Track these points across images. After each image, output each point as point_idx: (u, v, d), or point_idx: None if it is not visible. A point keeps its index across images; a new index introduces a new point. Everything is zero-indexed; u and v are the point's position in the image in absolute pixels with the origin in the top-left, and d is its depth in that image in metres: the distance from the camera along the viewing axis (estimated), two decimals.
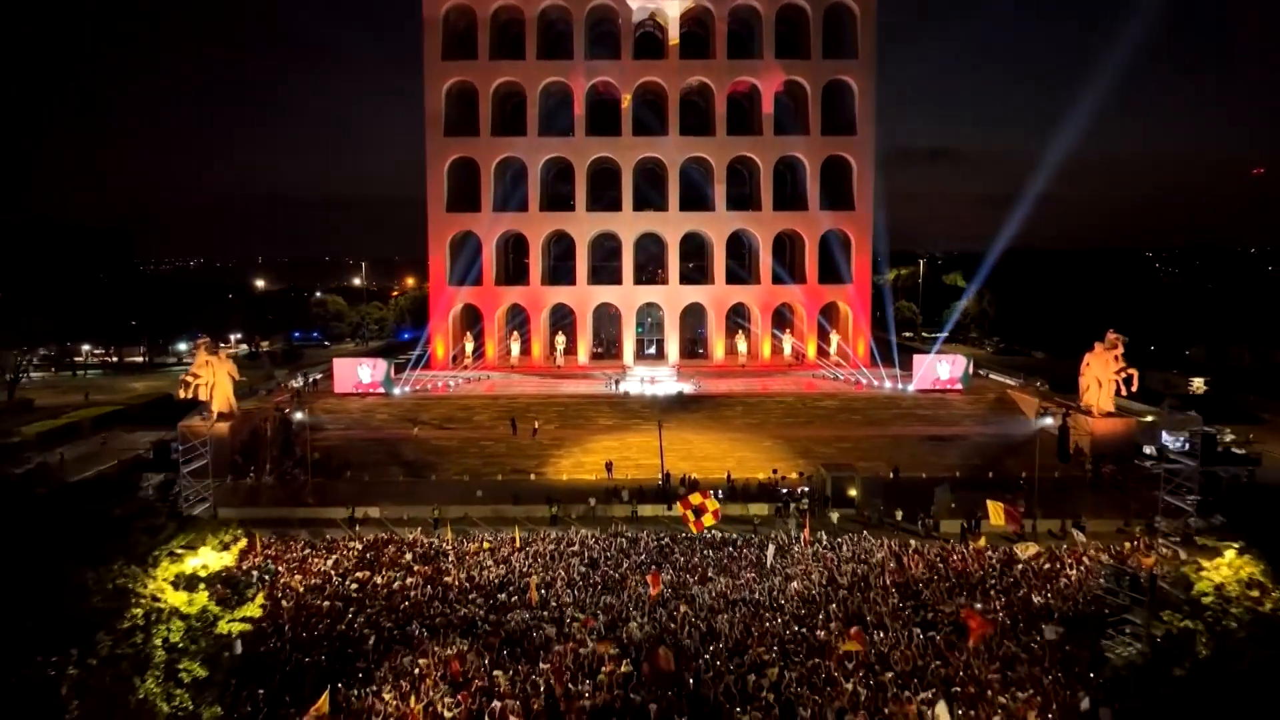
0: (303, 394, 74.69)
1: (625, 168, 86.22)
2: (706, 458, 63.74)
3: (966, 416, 71.39)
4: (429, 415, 71.35)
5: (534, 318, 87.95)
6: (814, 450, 64.63)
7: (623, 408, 72.21)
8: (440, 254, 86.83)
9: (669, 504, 53.18)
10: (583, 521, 51.99)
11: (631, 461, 63.16)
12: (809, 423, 70.26)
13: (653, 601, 36.92)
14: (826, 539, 45.88)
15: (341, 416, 71.40)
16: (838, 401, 73.55)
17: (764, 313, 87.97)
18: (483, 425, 70.01)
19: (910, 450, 64.62)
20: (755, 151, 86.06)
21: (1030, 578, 40.39)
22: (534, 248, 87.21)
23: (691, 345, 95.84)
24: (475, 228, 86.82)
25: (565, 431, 68.25)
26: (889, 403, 73.44)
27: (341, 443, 65.92)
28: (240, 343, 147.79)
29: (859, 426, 69.64)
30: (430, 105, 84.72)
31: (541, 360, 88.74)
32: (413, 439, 66.51)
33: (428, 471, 61.88)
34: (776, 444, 65.43)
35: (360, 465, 62.01)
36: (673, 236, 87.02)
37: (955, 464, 62.31)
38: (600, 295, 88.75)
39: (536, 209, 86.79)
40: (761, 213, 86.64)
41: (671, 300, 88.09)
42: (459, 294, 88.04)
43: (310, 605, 37.31)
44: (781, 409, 72.18)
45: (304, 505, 53.71)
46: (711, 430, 68.00)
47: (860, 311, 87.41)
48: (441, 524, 50.05)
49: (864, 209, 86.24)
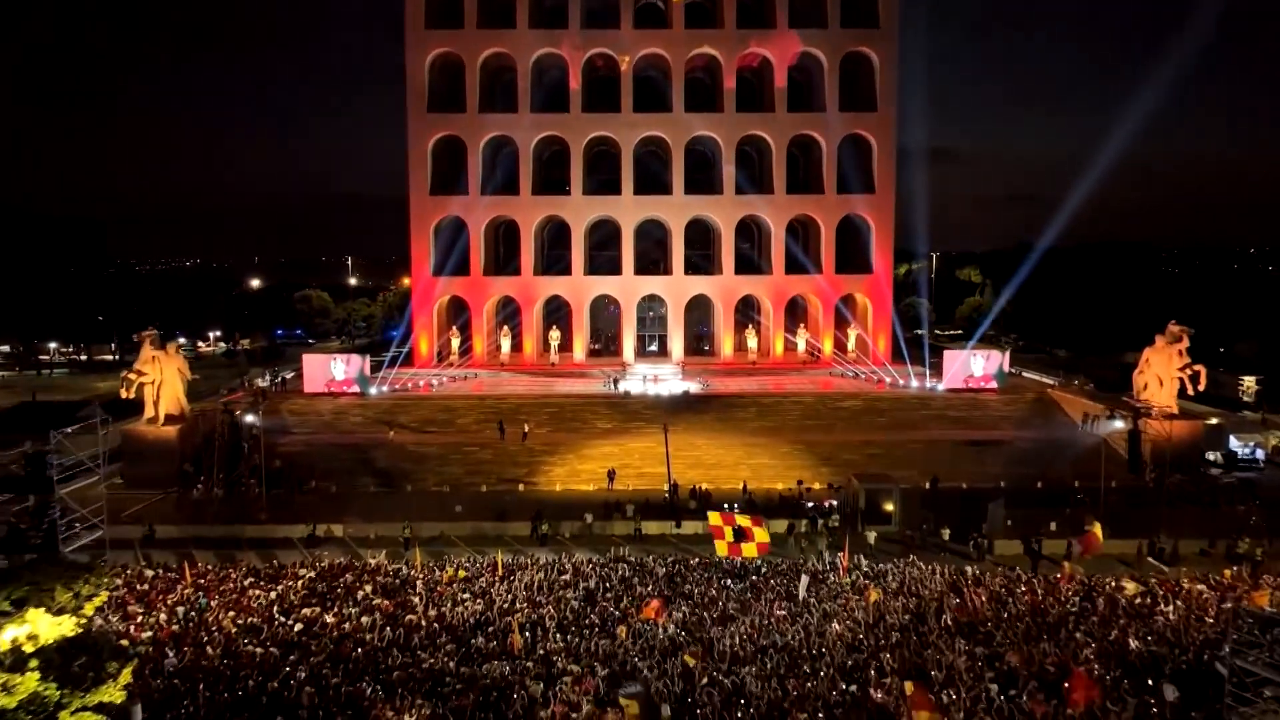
0: (267, 394, 67.47)
1: (625, 148, 79.14)
2: (718, 465, 56.69)
3: (1004, 419, 64.35)
4: (408, 417, 64.20)
5: (526, 311, 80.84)
6: (838, 457, 57.59)
7: (623, 409, 65.15)
8: (423, 241, 79.70)
9: (677, 520, 46.12)
10: (577, 542, 44.96)
11: (633, 470, 56.11)
12: (830, 426, 63.20)
13: (662, 646, 29.85)
14: (866, 564, 38.74)
15: (309, 419, 64.23)
16: (861, 402, 66.50)
17: (776, 305, 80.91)
18: (467, 429, 62.88)
19: (946, 457, 57.60)
20: (767, 130, 78.98)
21: (1119, 615, 33.34)
22: (526, 235, 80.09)
23: (697, 341, 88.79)
24: (462, 213, 79.70)
25: (559, 436, 61.18)
26: (918, 403, 66.39)
27: (307, 449, 58.79)
28: (219, 340, 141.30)
29: (886, 430, 62.59)
30: (413, 78, 77.58)
31: (534, 357, 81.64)
32: (387, 444, 59.39)
33: (403, 482, 54.77)
34: (796, 450, 58.38)
35: (326, 475, 54.90)
36: (677, 222, 79.96)
37: (998, 472, 55.39)
38: (598, 286, 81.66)
39: (528, 193, 79.67)
40: (774, 196, 79.55)
41: (675, 292, 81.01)
42: (444, 285, 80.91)
43: (241, 653, 30.19)
44: (799, 410, 65.12)
45: (256, 522, 46.60)
46: (722, 434, 60.94)
47: (882, 304, 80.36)
48: (413, 545, 43.06)
49: (886, 192, 79.22)
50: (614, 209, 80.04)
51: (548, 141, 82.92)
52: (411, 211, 79.26)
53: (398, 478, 55.19)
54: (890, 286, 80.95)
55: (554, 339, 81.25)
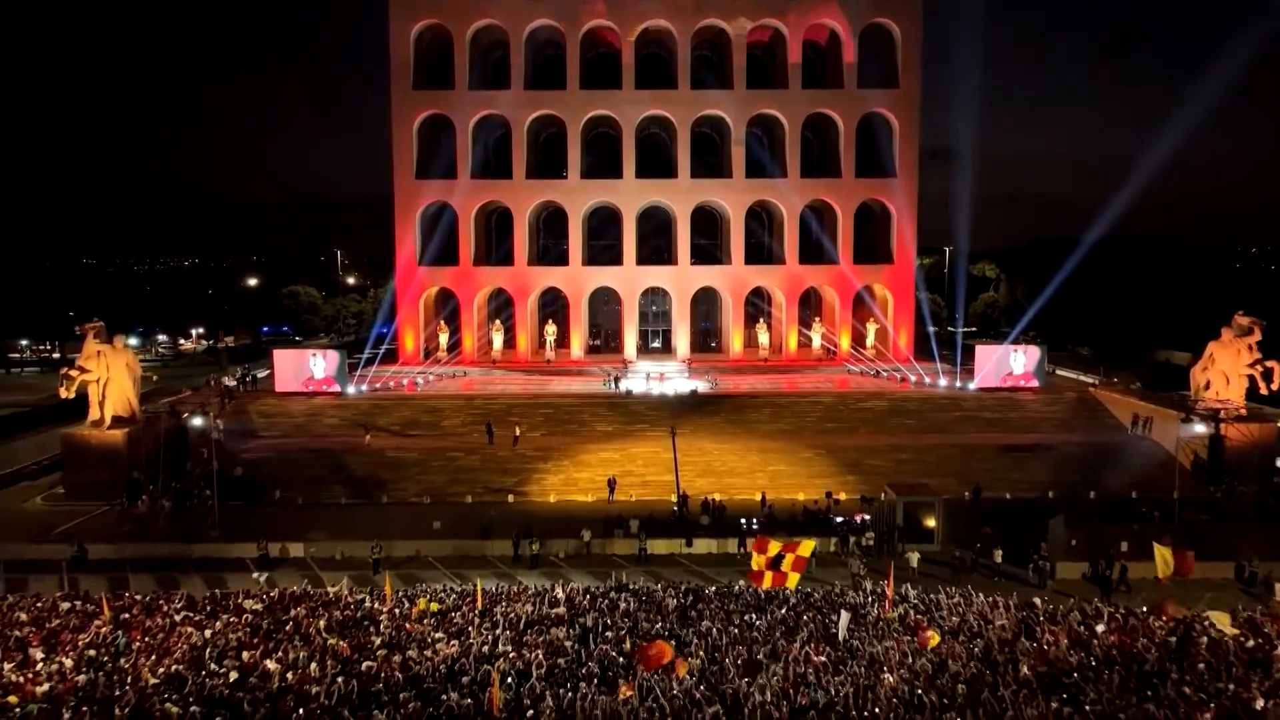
0: (234, 393, 61.67)
1: (626, 128, 73.28)
2: (731, 473, 50.88)
3: (1045, 420, 58.51)
4: (388, 419, 58.35)
5: (519, 304, 74.99)
6: (865, 464, 51.77)
7: (624, 410, 59.30)
8: (408, 229, 73.82)
9: (688, 537, 40.26)
10: (573, 563, 39.13)
11: (636, 478, 50.30)
12: (854, 428, 57.36)
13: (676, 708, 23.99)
14: (914, 595, 32.85)
15: (280, 421, 58.37)
16: (885, 402, 60.64)
17: (790, 298, 75.06)
18: (453, 431, 57.03)
19: (985, 463, 51.82)
20: (780, 108, 73.11)
21: (1228, 660, 27.48)
22: (519, 222, 74.23)
23: (703, 336, 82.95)
24: (449, 198, 73.84)
25: (554, 440, 55.33)
26: (948, 403, 60.54)
27: (274, 455, 52.93)
28: (203, 338, 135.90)
29: (916, 433, 56.75)
30: (397, 51, 71.71)
31: (528, 354, 75.80)
32: (364, 449, 53.53)
33: (378, 492, 48.91)
34: (818, 456, 52.54)
35: (294, 484, 49.06)
36: (682, 208, 74.11)
37: (1044, 481, 49.69)
38: (597, 278, 75.81)
39: (522, 176, 73.79)
40: (787, 180, 73.71)
41: (681, 283, 75.15)
42: (431, 276, 75.06)
43: (155, 715, 24.32)
44: (819, 411, 59.27)
45: (206, 540, 40.72)
46: (735, 438, 55.10)
47: (905, 296, 74.52)
48: (383, 568, 37.31)
49: (908, 176, 73.38)
50: (614, 193, 74.19)
51: (543, 122, 77.08)
52: (395, 197, 73.39)
53: (373, 488, 49.32)
54: (913, 278, 75.12)
55: (550, 334, 75.41)
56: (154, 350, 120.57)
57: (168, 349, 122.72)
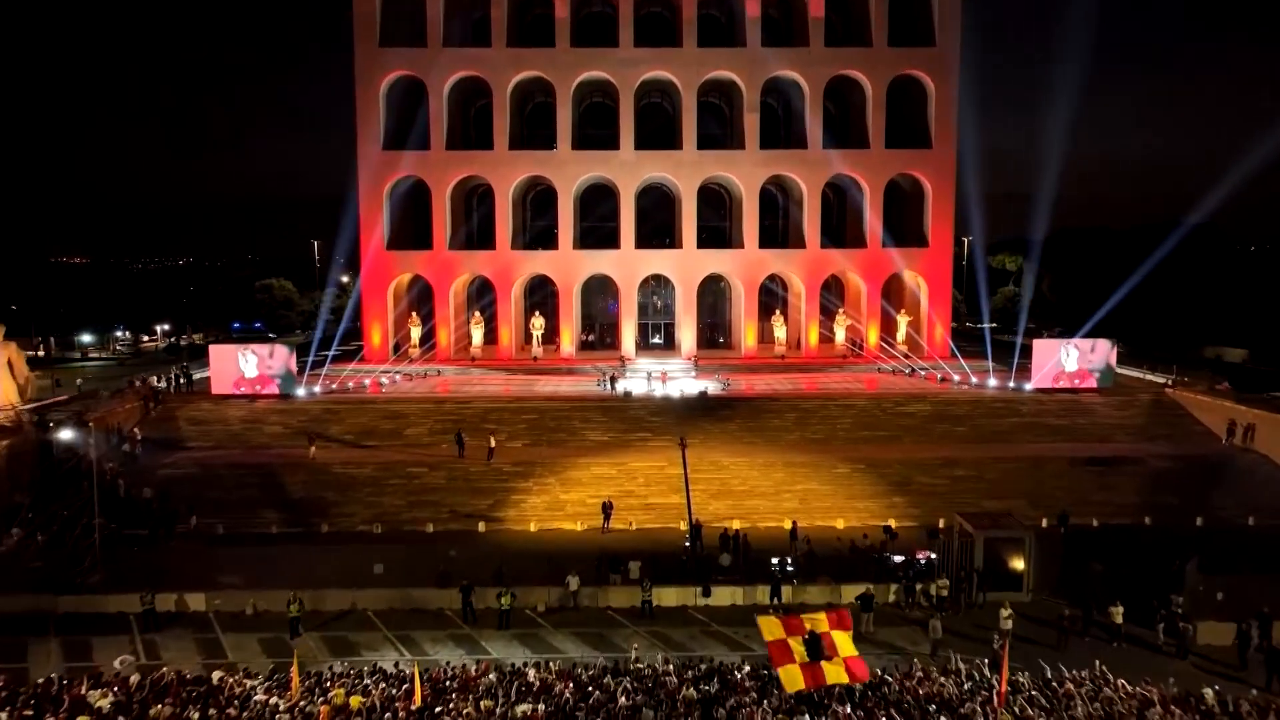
0: (163, 395, 52.42)
1: (624, 93, 64.10)
2: (752, 493, 41.80)
3: (1120, 428, 49.49)
4: (341, 427, 49.17)
5: (502, 294, 65.81)
6: (915, 481, 42.72)
7: (622, 416, 50.20)
8: (375, 208, 64.59)
9: (704, 585, 31.14)
10: (556, 620, 29.98)
11: (636, 500, 41.23)
12: (895, 438, 48.29)
13: None
14: (1028, 681, 23.63)
15: (213, 429, 49.16)
16: (928, 405, 51.59)
17: (810, 287, 65.95)
18: (417, 442, 47.87)
19: (1059, 480, 42.81)
20: (799, 69, 63.98)
21: None
22: (502, 200, 65.01)
23: (711, 331, 73.83)
24: (422, 172, 64.62)
25: (538, 452, 46.20)
26: (1003, 407, 51.51)
27: (198, 471, 43.72)
28: (167, 335, 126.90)
29: (970, 443, 47.71)
30: (360, 2, 62.45)
31: (512, 350, 66.66)
32: (307, 463, 44.34)
33: (318, 519, 39.73)
34: (856, 471, 43.44)
35: (216, 508, 39.89)
36: (687, 184, 64.94)
37: (1134, 502, 40.83)
38: (591, 264, 66.65)
39: (505, 147, 64.55)
40: (807, 151, 64.58)
41: (686, 270, 66.01)
42: (401, 262, 65.84)
43: None
44: (851, 417, 50.19)
45: (83, 589, 31.45)
46: (754, 449, 46.03)
47: (940, 285, 65.49)
48: (304, 627, 28.26)
49: (945, 147, 64.32)
50: (610, 167, 64.99)
51: (530, 88, 67.94)
52: (359, 170, 64.13)
53: (312, 513, 40.13)
54: (950, 264, 66.08)
55: (536, 328, 66.25)
56: (111, 347, 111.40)
57: (126, 346, 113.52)
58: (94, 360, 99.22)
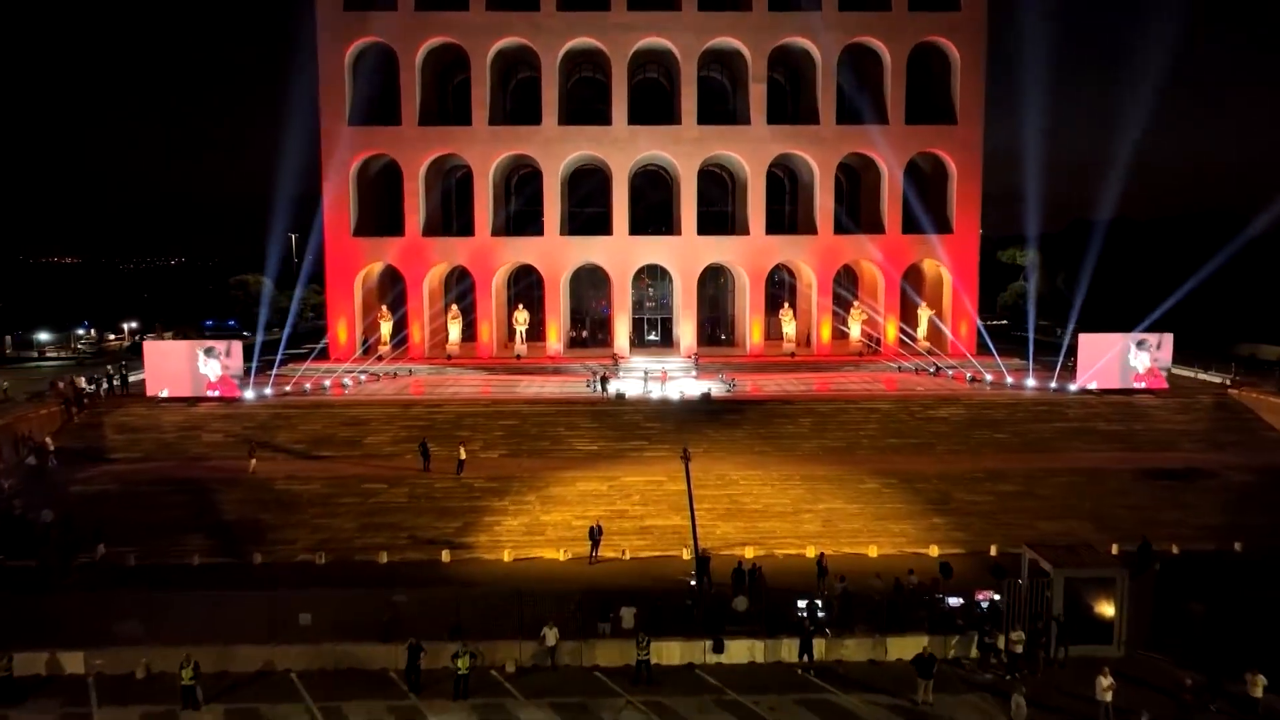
0: (92, 399, 46.02)
1: (617, 62, 57.80)
2: (767, 513, 35.59)
3: (1183, 434, 43.40)
4: (290, 434, 42.86)
5: (482, 286, 59.47)
6: (956, 499, 36.57)
7: (615, 421, 43.99)
8: (341, 191, 58.23)
9: (716, 637, 24.84)
10: (529, 686, 23.66)
11: (631, 522, 35.02)
12: (926, 446, 42.12)
13: None
14: None
15: (143, 438, 42.79)
16: (962, 409, 45.49)
17: (822, 277, 59.74)
18: (377, 452, 41.55)
19: (1124, 497, 36.74)
20: (811, 35, 57.79)
21: None
22: (481, 182, 58.65)
23: (712, 327, 67.60)
24: (393, 150, 58.28)
25: (517, 464, 39.91)
26: (1046, 410, 45.41)
27: (118, 488, 37.37)
28: (134, 333, 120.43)
29: (1014, 452, 41.59)
30: None
31: (493, 347, 60.37)
32: (247, 478, 37.99)
33: (252, 546, 33.40)
34: (887, 487, 37.27)
35: (132, 534, 33.58)
36: (687, 164, 58.67)
37: (1215, 523, 34.76)
38: (580, 251, 60.35)
39: (484, 122, 58.20)
40: (819, 128, 58.39)
41: (686, 258, 59.74)
42: (370, 250, 59.47)
43: None
44: (876, 423, 44.03)
45: None
46: (767, 460, 39.86)
47: (965, 276, 59.34)
48: (201, 698, 21.97)
49: (972, 121, 58.22)
50: (602, 145, 58.64)
51: (513, 59, 61.63)
52: (323, 148, 57.77)
53: (246, 539, 33.81)
54: (977, 251, 59.99)
55: (520, 323, 59.95)
56: (72, 346, 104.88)
57: (88, 345, 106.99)
58: (50, 360, 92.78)
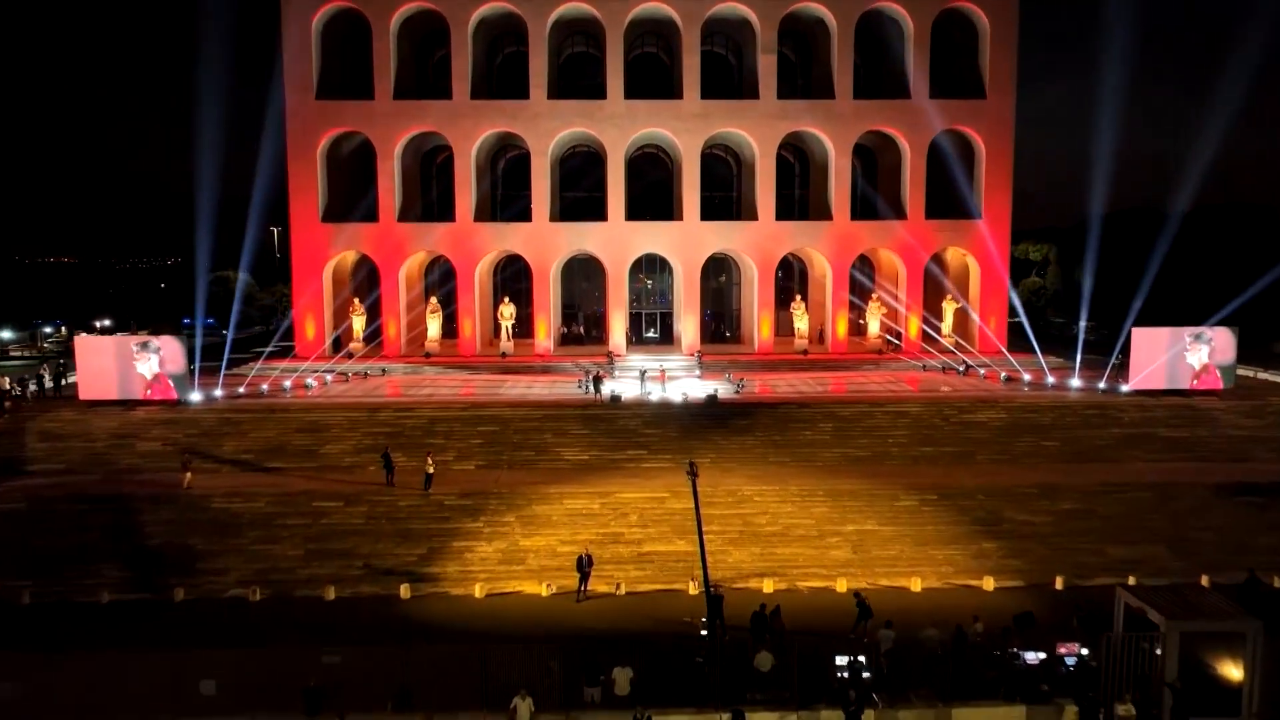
0: (8, 404, 40.64)
1: (612, 30, 52.44)
2: (787, 537, 30.28)
3: (1255, 441, 38.10)
4: (238, 443, 37.49)
5: (464, 276, 54.12)
6: (1007, 518, 31.29)
7: (609, 428, 38.67)
8: (308, 171, 52.86)
9: (734, 709, 19.38)
10: None
11: (627, 548, 29.71)
12: (965, 455, 36.82)
13: None
14: None
15: (70, 446, 37.39)
16: (1002, 412, 40.22)
17: (837, 267, 54.44)
18: (336, 463, 36.19)
19: (1205, 516, 31.48)
20: (826, 1, 52.43)
21: None
22: (463, 162, 53.30)
23: (715, 323, 62.27)
24: (366, 127, 52.93)
25: (495, 478, 34.55)
26: (1096, 414, 40.12)
27: (27, 506, 31.98)
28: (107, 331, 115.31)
29: (1065, 462, 36.29)
30: None
31: (477, 344, 55.05)
32: (182, 494, 32.63)
33: (177, 578, 28.06)
34: (925, 504, 31.97)
35: (35, 562, 28.22)
36: (690, 142, 53.38)
37: None
38: (572, 239, 54.98)
39: (466, 95, 52.86)
40: (835, 102, 53.09)
41: (688, 246, 54.41)
42: (341, 237, 54.08)
43: None
44: (905, 428, 38.72)
45: None
46: (783, 472, 34.57)
47: (994, 266, 54.07)
48: None
49: (1002, 94, 52.97)
50: (595, 121, 53.29)
51: (498, 29, 56.31)
52: (288, 125, 52.42)
53: (171, 568, 28.49)
54: (1008, 239, 54.73)
55: (505, 318, 54.61)
56: (39, 345, 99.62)
57: (55, 344, 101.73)
58: (14, 360, 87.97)
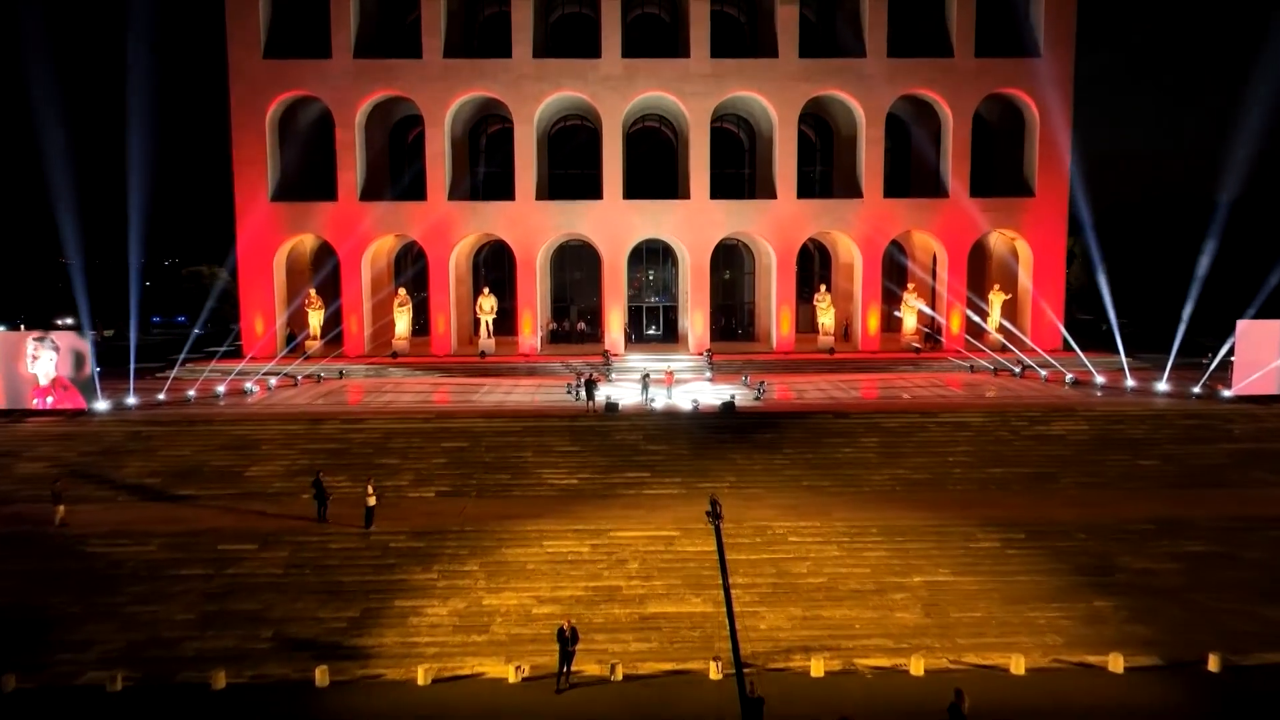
0: None
1: None
2: (834, 591, 22.97)
3: None
4: (144, 464, 30.21)
5: (437, 264, 46.86)
6: (1120, 565, 24.04)
7: (603, 443, 31.43)
8: (255, 142, 45.60)
9: None
10: None
11: (625, 609, 22.35)
12: (1048, 478, 29.55)
13: None
14: None
15: None
16: (1083, 423, 33.04)
17: (868, 254, 47.21)
18: (261, 490, 28.86)
19: None
20: None
21: None
22: (435, 131, 46.04)
23: (725, 318, 55.03)
24: (322, 90, 45.62)
25: (459, 508, 27.20)
26: (1198, 425, 32.99)
27: None
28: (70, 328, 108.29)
29: (1175, 487, 29.03)
30: None
31: (453, 342, 47.82)
32: (53, 535, 25.32)
33: (17, 655, 20.70)
34: (1010, 545, 24.69)
35: None
36: (698, 108, 46.13)
37: None
38: (563, 221, 47.65)
39: (438, 54, 45.59)
40: (865, 61, 45.89)
41: (696, 229, 47.14)
42: (294, 218, 46.82)
43: None
44: (967, 443, 31.51)
45: None
46: (821, 500, 27.29)
47: (1050, 251, 46.92)
48: None
49: (1061, 55, 45.83)
50: (589, 84, 46.01)
51: None
52: (231, 88, 45.15)
53: (9, 643, 21.15)
54: (1065, 221, 47.50)
55: (485, 312, 47.36)
56: None
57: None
58: None
